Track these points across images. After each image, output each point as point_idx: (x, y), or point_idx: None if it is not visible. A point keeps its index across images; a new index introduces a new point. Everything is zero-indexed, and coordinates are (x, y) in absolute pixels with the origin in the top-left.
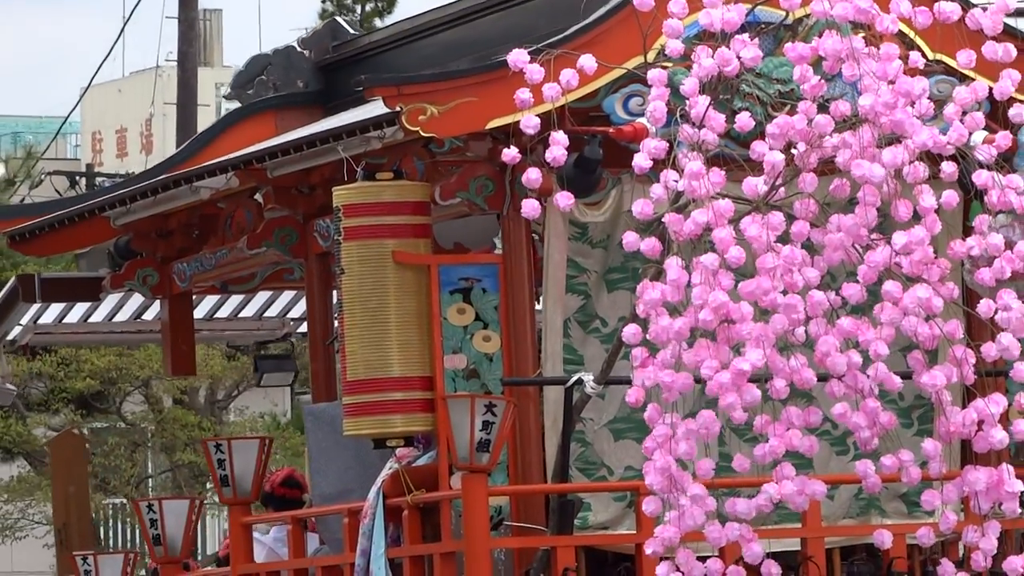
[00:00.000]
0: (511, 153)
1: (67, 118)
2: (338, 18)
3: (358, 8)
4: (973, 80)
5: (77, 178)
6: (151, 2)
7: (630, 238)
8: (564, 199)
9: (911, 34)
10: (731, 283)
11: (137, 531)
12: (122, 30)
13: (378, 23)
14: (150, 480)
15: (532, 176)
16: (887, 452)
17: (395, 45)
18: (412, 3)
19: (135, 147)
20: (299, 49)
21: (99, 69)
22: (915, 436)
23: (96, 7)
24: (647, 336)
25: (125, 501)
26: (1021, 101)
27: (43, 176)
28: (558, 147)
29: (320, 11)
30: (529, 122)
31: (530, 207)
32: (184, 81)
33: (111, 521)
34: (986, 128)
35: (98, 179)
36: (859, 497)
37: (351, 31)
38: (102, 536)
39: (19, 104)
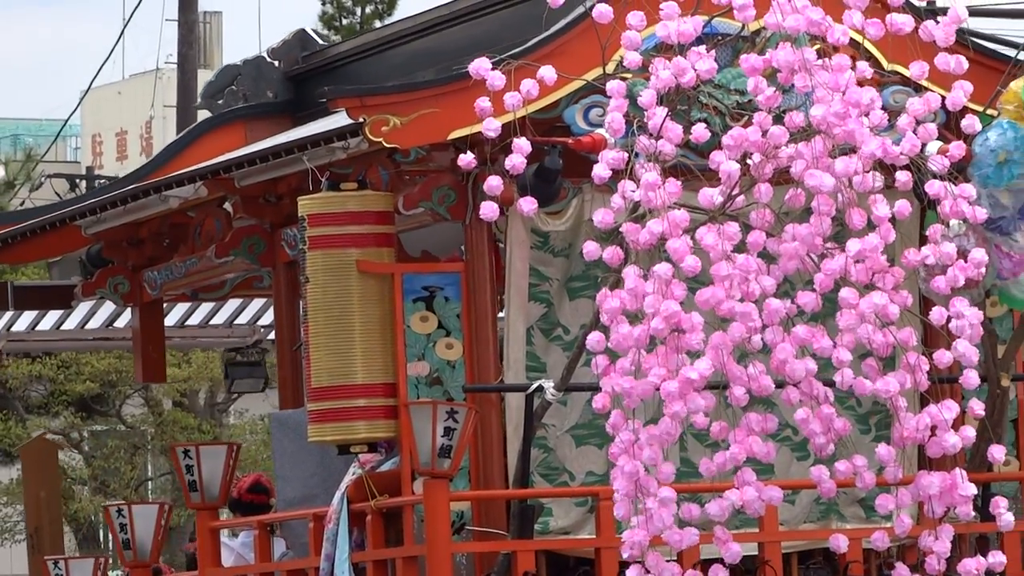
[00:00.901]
0: (467, 159)
1: (67, 121)
2: (307, 28)
3: (358, 11)
4: (930, 90)
5: (77, 181)
6: (151, 5)
7: (590, 247)
8: (527, 203)
9: (868, 45)
10: (684, 293)
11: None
12: (122, 33)
13: (378, 26)
14: (150, 483)
15: (493, 183)
16: (845, 458)
17: (363, 56)
18: (411, 5)
19: (135, 149)
20: (269, 60)
21: (99, 72)
22: (873, 442)
23: (96, 10)
24: (609, 344)
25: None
26: (974, 112)
27: (43, 179)
28: (518, 155)
29: (320, 13)
30: (490, 125)
31: (489, 209)
32: (184, 84)
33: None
34: (942, 138)
35: (98, 182)
36: (819, 502)
37: (320, 42)
38: (101, 539)
39: (19, 106)
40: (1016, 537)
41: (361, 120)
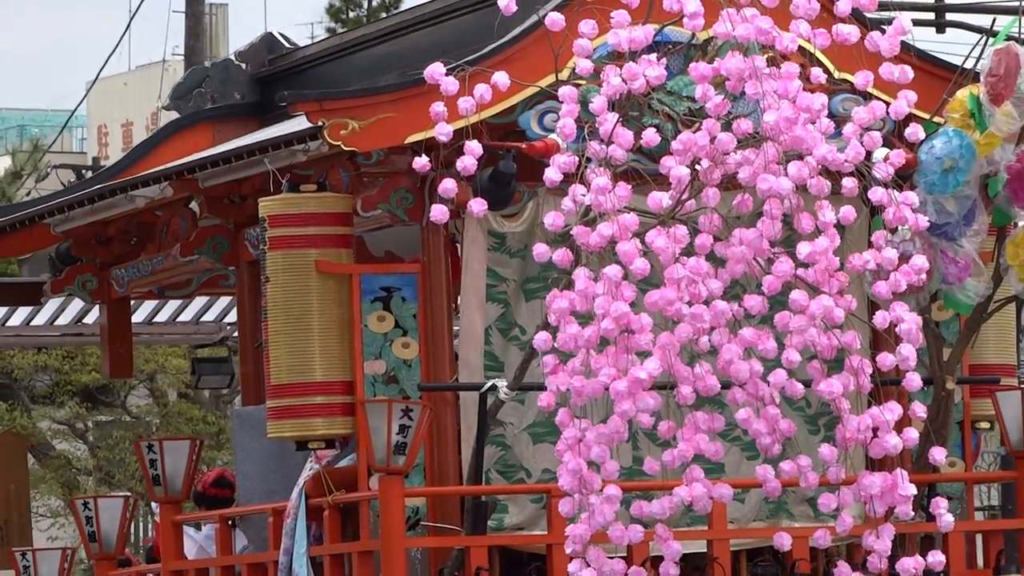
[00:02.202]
0: (421, 162)
1: (74, 112)
2: (275, 32)
3: (365, 3)
4: (879, 98)
5: (83, 171)
6: None
7: (540, 249)
8: (478, 205)
9: (817, 54)
10: (633, 294)
11: (140, 525)
12: (129, 24)
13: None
14: None
15: (447, 186)
16: (794, 458)
17: (328, 59)
18: None
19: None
20: (236, 62)
21: (106, 63)
22: (822, 442)
23: (103, 1)
24: (556, 344)
25: (129, 495)
26: (920, 119)
27: (49, 169)
28: (469, 156)
29: (327, 5)
30: (443, 129)
31: (439, 212)
32: None
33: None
34: (890, 146)
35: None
36: (768, 501)
37: (286, 45)
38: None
39: (25, 97)
40: (960, 537)
41: (320, 124)
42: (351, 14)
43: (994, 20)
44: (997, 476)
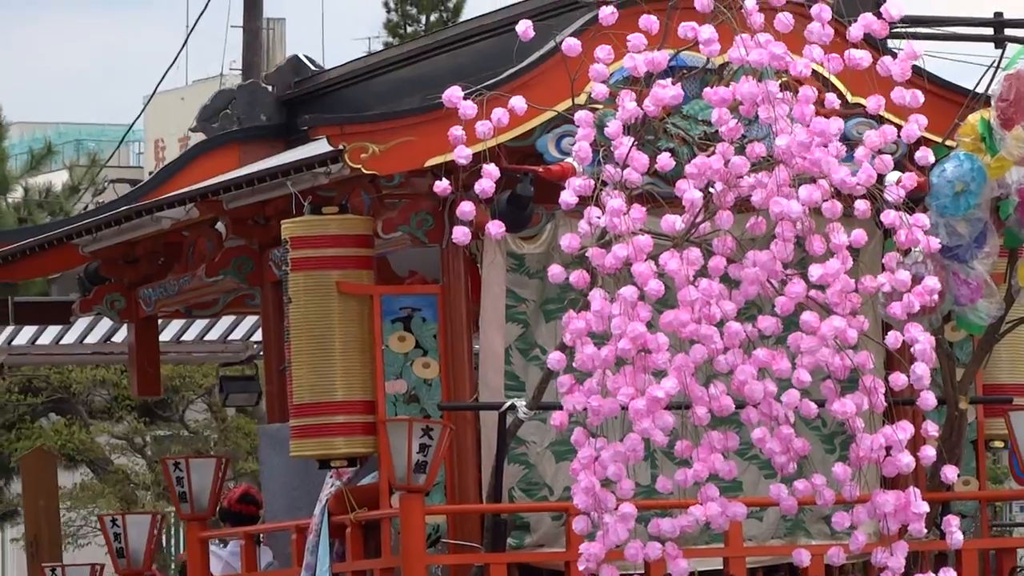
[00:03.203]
0: (442, 185)
1: (131, 126)
2: (300, 55)
3: (423, 18)
4: (892, 122)
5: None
6: (216, 12)
7: (555, 270)
8: (495, 227)
9: (832, 78)
10: (649, 315)
11: (174, 541)
12: (186, 39)
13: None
14: None
15: (466, 208)
16: (810, 476)
17: (352, 82)
18: (476, 9)
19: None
20: (263, 85)
21: (163, 78)
22: (837, 461)
23: (160, 16)
24: (575, 364)
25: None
26: (932, 143)
27: (106, 183)
28: (487, 179)
29: (385, 20)
30: (462, 152)
31: (461, 233)
32: None
33: (172, 529)
34: (903, 169)
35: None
36: (786, 519)
37: (312, 68)
38: (164, 545)
39: (83, 112)
40: (974, 554)
41: (341, 147)
42: (409, 28)
43: None
44: (1011, 494)
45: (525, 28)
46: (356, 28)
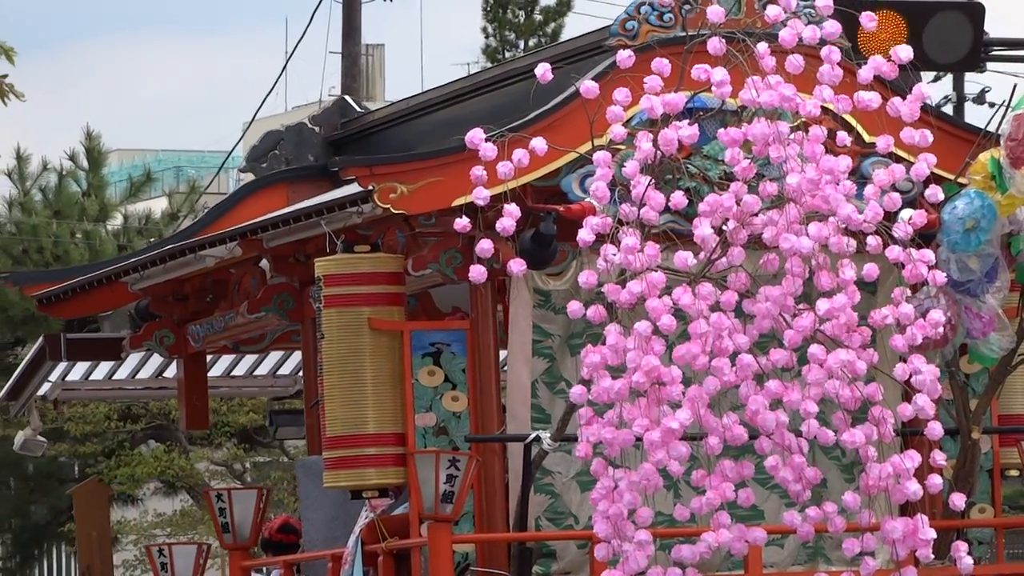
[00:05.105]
0: (462, 223)
1: (230, 153)
2: (346, 97)
3: (520, 44)
4: (908, 161)
5: None
6: (315, 37)
7: (574, 307)
8: (516, 265)
9: (849, 118)
10: (663, 348)
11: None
12: (285, 65)
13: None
14: None
15: (485, 246)
16: (830, 503)
17: (394, 123)
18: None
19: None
20: (310, 126)
21: (262, 104)
22: (856, 490)
23: (257, 43)
24: (591, 396)
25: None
26: (946, 179)
27: (205, 210)
28: (508, 218)
29: (483, 46)
30: (480, 193)
31: (477, 272)
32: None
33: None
34: (917, 206)
35: None
36: (806, 546)
37: (358, 109)
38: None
39: (183, 139)
40: None
41: (371, 188)
42: (507, 54)
43: None
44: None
45: (544, 71)
46: (455, 54)
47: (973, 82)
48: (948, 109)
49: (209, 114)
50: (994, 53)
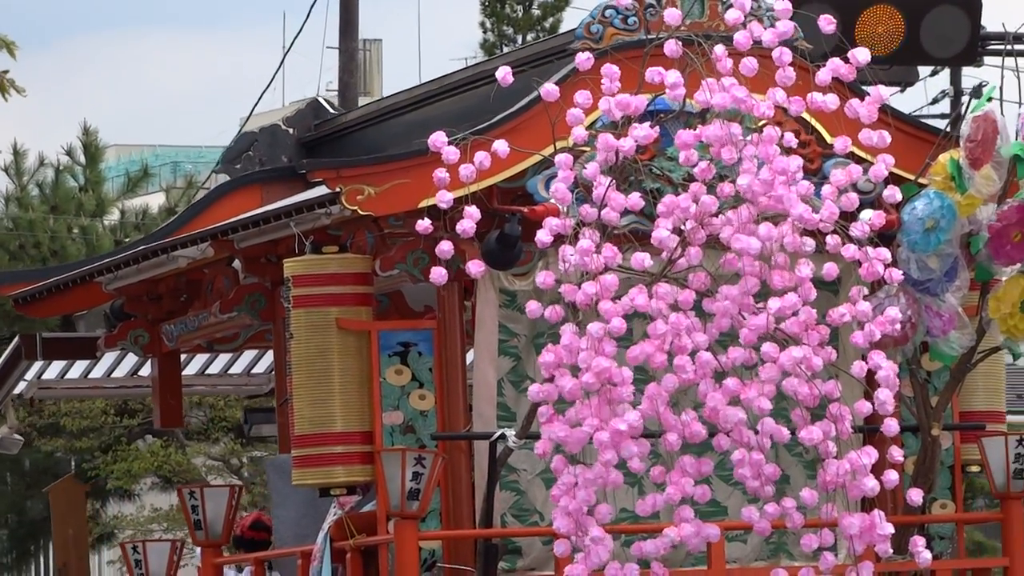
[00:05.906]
0: (423, 224)
1: (228, 148)
2: (320, 98)
3: (519, 38)
4: (868, 161)
5: None
6: (312, 33)
7: (532, 306)
8: (475, 266)
9: (812, 120)
10: (615, 349)
11: None
12: (282, 60)
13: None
14: None
15: (444, 248)
16: (791, 499)
17: (367, 124)
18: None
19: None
20: (284, 127)
21: (259, 99)
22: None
23: (256, 38)
24: (542, 395)
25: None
26: (902, 181)
27: None
28: (468, 220)
29: (481, 40)
30: (443, 196)
31: (437, 274)
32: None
33: None
34: (879, 207)
35: None
36: (769, 541)
37: (331, 111)
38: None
39: (180, 134)
40: (948, 575)
41: (338, 190)
42: (505, 48)
43: None
44: (984, 517)
45: (505, 74)
46: (452, 49)
47: (971, 76)
48: (945, 104)
49: (207, 109)
50: (991, 47)
